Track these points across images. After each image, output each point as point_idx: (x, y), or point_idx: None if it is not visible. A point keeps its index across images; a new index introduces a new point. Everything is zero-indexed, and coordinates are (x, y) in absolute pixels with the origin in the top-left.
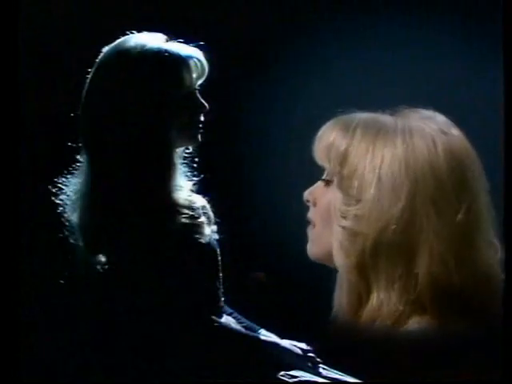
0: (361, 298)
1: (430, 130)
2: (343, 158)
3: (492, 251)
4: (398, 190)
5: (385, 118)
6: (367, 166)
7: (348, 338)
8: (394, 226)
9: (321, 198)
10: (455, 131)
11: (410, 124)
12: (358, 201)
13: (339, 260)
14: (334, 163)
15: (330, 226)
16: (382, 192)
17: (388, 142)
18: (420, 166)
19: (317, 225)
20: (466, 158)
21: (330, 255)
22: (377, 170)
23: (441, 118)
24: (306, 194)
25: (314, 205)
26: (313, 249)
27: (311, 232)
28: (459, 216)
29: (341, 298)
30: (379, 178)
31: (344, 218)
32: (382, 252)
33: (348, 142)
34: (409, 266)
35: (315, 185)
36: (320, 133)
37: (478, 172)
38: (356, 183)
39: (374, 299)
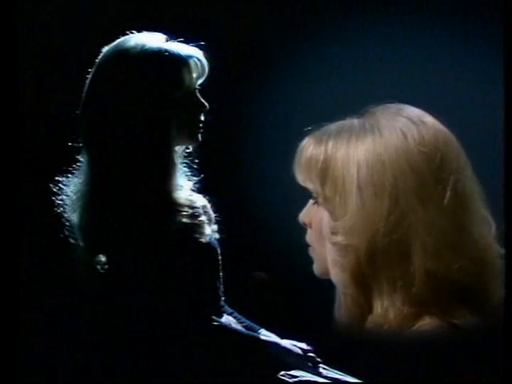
0: (362, 310)
1: (399, 123)
2: (323, 176)
3: (486, 228)
4: (379, 193)
5: (353, 123)
6: (346, 177)
7: (348, 339)
8: (382, 230)
9: (314, 219)
10: (427, 119)
11: (378, 122)
12: (344, 214)
13: (335, 277)
14: (315, 183)
15: (325, 243)
16: (364, 199)
17: (359, 145)
18: (395, 160)
19: (314, 246)
20: (441, 141)
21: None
22: (355, 180)
23: (411, 110)
24: (301, 218)
25: (310, 226)
26: (316, 268)
27: (312, 253)
28: (445, 201)
29: (342, 312)
30: (359, 187)
31: (334, 234)
32: (378, 258)
33: (324, 156)
34: (406, 266)
35: (307, 206)
36: (298, 153)
37: (456, 151)
38: (338, 199)
39: (379, 307)
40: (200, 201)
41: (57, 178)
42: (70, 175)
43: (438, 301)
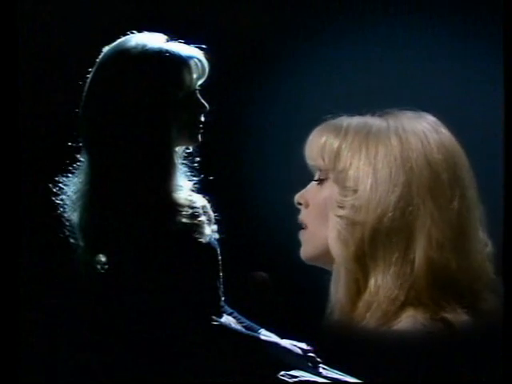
0: (359, 287)
1: (422, 127)
2: (337, 154)
3: (482, 244)
4: (394, 179)
5: (375, 120)
6: (362, 158)
7: (348, 339)
8: (391, 214)
9: (314, 198)
10: (444, 130)
11: (402, 123)
12: (355, 191)
13: (337, 250)
14: (327, 160)
15: (326, 221)
16: (378, 181)
17: (381, 138)
18: (415, 157)
19: (309, 225)
20: (456, 152)
21: (325, 253)
22: (372, 162)
23: (430, 118)
24: (298, 197)
25: (306, 206)
26: (307, 249)
27: (304, 234)
28: (454, 204)
29: (338, 290)
30: (375, 169)
31: (341, 207)
32: (380, 239)
33: (340, 141)
34: (406, 252)
35: (307, 187)
36: (310, 137)
37: (467, 167)
38: (352, 174)
39: (372, 286)
40: (200, 201)
41: (57, 178)
42: (70, 175)
43: (433, 290)
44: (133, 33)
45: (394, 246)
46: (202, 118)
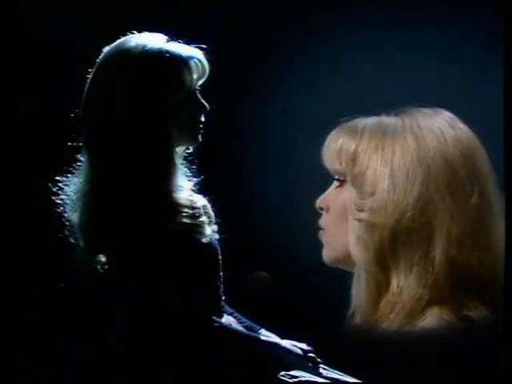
0: (380, 289)
1: (437, 123)
2: (354, 157)
3: (501, 235)
4: (411, 178)
5: (390, 119)
6: (379, 160)
7: (348, 339)
8: (410, 214)
9: (334, 202)
10: (461, 125)
11: (418, 120)
12: (373, 193)
13: (357, 254)
14: (345, 163)
15: (346, 224)
16: (395, 182)
17: (397, 138)
18: (431, 155)
19: (330, 229)
20: (474, 147)
21: (346, 256)
22: (389, 163)
23: (446, 114)
24: (319, 202)
25: (328, 210)
26: (328, 253)
27: (324, 237)
28: (473, 200)
29: (359, 293)
30: (392, 169)
31: (360, 211)
32: (401, 240)
33: (357, 143)
34: (426, 250)
35: (327, 191)
36: (327, 141)
37: (486, 160)
38: (369, 177)
39: (395, 286)
40: (200, 201)
41: (57, 178)
42: (70, 175)
43: (454, 288)
44: (133, 33)
45: (414, 245)
46: (202, 118)
